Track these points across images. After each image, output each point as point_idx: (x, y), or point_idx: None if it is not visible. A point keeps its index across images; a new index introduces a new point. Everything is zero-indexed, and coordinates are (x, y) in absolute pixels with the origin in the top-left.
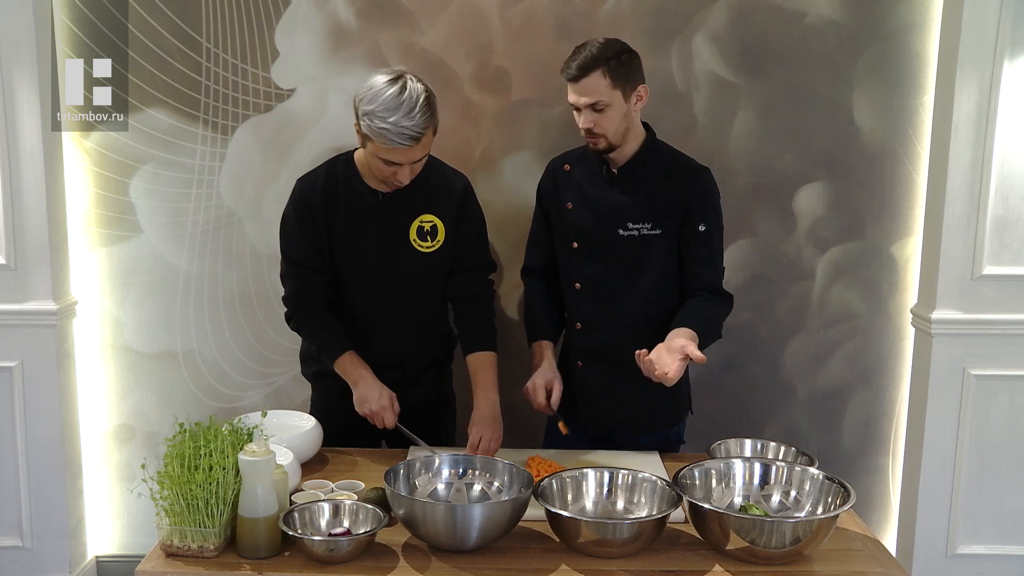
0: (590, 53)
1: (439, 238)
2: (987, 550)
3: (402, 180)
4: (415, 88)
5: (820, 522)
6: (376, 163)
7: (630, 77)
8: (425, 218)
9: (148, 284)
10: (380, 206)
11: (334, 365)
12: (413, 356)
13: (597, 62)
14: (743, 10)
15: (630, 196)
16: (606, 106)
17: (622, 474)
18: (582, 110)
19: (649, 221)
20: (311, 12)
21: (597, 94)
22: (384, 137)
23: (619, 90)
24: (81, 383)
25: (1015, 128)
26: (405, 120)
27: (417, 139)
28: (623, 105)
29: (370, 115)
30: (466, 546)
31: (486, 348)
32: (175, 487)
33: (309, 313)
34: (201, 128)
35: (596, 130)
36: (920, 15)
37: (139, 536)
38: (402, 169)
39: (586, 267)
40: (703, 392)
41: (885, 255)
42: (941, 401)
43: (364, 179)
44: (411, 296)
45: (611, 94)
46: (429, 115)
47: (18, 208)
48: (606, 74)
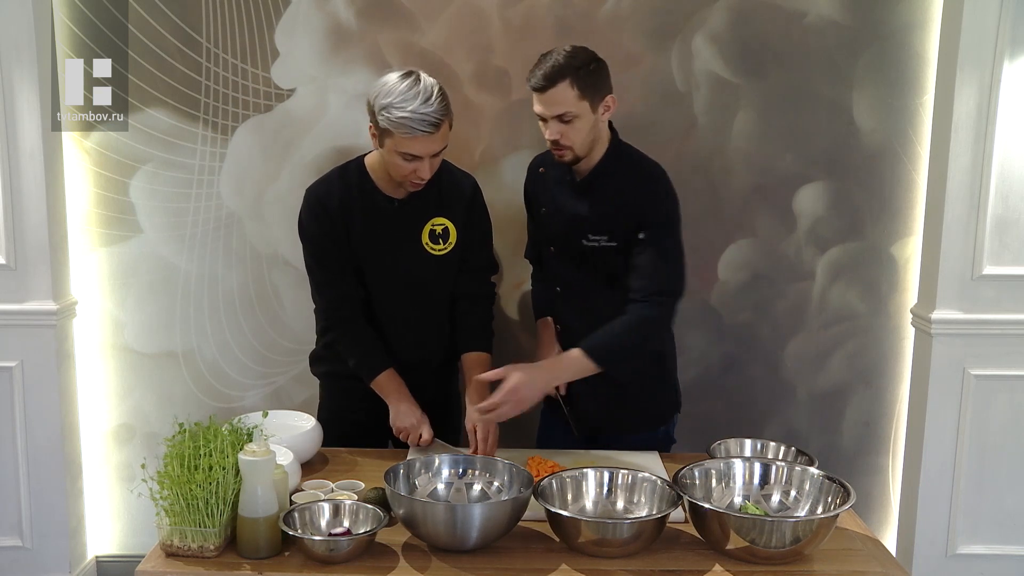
0: (557, 62)
1: (451, 240)
2: (987, 550)
3: (423, 176)
4: (429, 80)
5: (820, 522)
6: (395, 161)
7: (598, 87)
8: (437, 221)
9: (148, 284)
10: (395, 211)
11: (372, 383)
12: (431, 356)
13: (564, 72)
14: (743, 10)
15: (592, 207)
16: (574, 117)
17: (622, 474)
18: (548, 121)
19: (605, 234)
20: (311, 12)
21: (564, 105)
22: (405, 126)
23: (587, 101)
24: (81, 383)
25: (1015, 128)
26: (424, 107)
27: (437, 126)
28: (591, 116)
29: (388, 108)
30: (466, 546)
31: (482, 349)
32: (175, 487)
33: (349, 325)
34: (201, 128)
35: (563, 142)
36: (920, 15)
37: (139, 536)
38: (422, 164)
39: (563, 272)
40: (703, 392)
41: (885, 255)
42: (941, 401)
43: (377, 185)
44: (425, 299)
45: (579, 105)
46: (446, 104)
47: (18, 208)
48: (574, 84)
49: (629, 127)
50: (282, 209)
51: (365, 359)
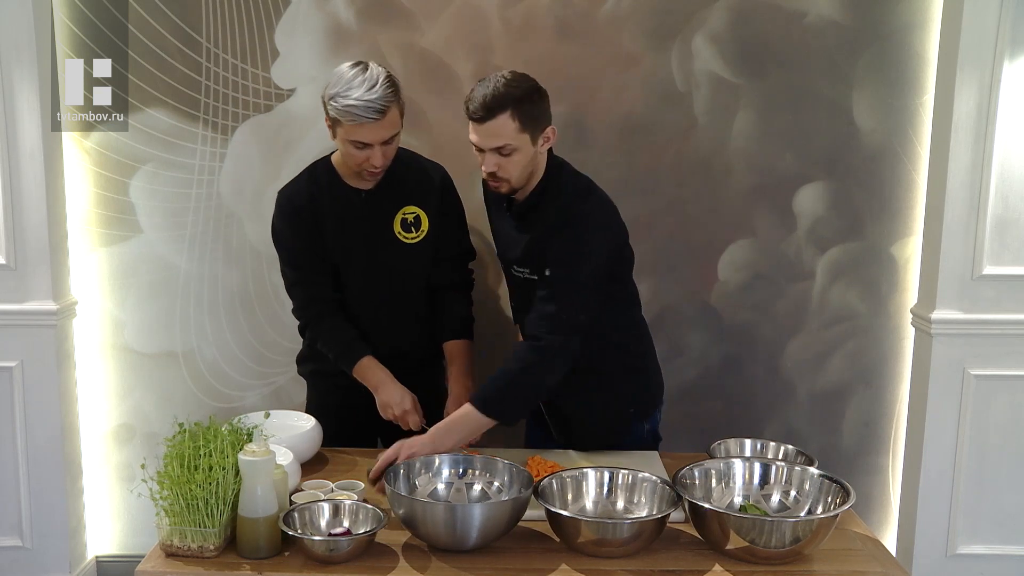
0: (497, 90)
1: (423, 228)
2: (987, 550)
3: (375, 164)
4: (377, 69)
5: (820, 522)
6: (348, 151)
7: (539, 119)
8: (408, 210)
9: (148, 284)
10: (363, 203)
11: (353, 371)
12: (408, 349)
13: (505, 103)
14: (743, 10)
15: (520, 237)
16: (513, 150)
17: (622, 474)
18: (486, 152)
19: (528, 267)
20: (311, 12)
21: (503, 137)
22: (351, 114)
23: (527, 133)
24: (81, 383)
25: (1015, 128)
26: (368, 94)
27: (382, 112)
28: (530, 149)
29: (335, 97)
30: (466, 546)
31: (463, 336)
32: (175, 487)
33: (323, 320)
34: (201, 128)
35: (500, 174)
36: (920, 15)
37: (139, 536)
38: (373, 152)
39: (512, 295)
40: (703, 392)
41: (885, 255)
42: (941, 401)
43: (345, 180)
44: (401, 290)
45: (519, 137)
46: (392, 91)
47: (18, 208)
48: (515, 117)
49: (629, 127)
50: None
51: (344, 350)
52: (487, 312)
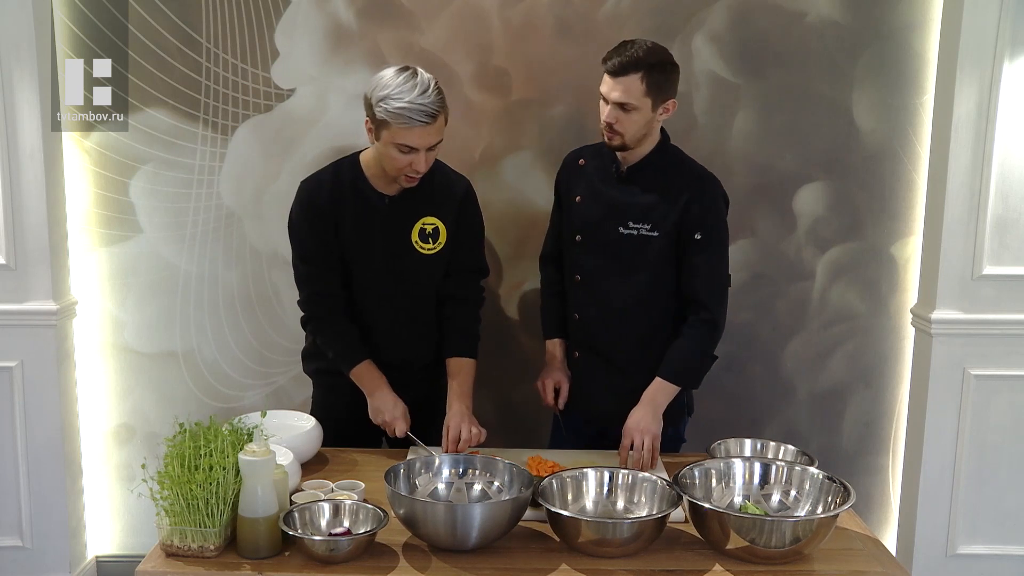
0: (635, 54)
1: (440, 240)
2: (987, 550)
3: (418, 168)
4: (426, 75)
5: (820, 522)
6: (391, 154)
7: (664, 89)
8: (427, 220)
9: (148, 284)
10: (386, 208)
11: (350, 374)
12: (415, 356)
13: (639, 65)
14: (743, 10)
15: (635, 196)
16: (633, 109)
17: (622, 474)
18: (609, 103)
19: (648, 222)
20: (311, 12)
21: (629, 95)
22: (403, 116)
23: (651, 98)
24: (81, 383)
25: (1015, 128)
26: (421, 98)
27: (434, 116)
28: (649, 113)
29: (385, 99)
30: (466, 546)
31: (467, 355)
32: (175, 487)
33: (328, 318)
34: (201, 128)
35: (616, 127)
36: (920, 15)
37: (139, 536)
38: (418, 156)
39: (586, 261)
40: (703, 392)
41: (885, 255)
42: (941, 401)
43: (370, 182)
44: (413, 298)
45: (642, 100)
46: (442, 98)
47: (18, 208)
48: (644, 79)
49: None
50: (282, 209)
51: (344, 351)
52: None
